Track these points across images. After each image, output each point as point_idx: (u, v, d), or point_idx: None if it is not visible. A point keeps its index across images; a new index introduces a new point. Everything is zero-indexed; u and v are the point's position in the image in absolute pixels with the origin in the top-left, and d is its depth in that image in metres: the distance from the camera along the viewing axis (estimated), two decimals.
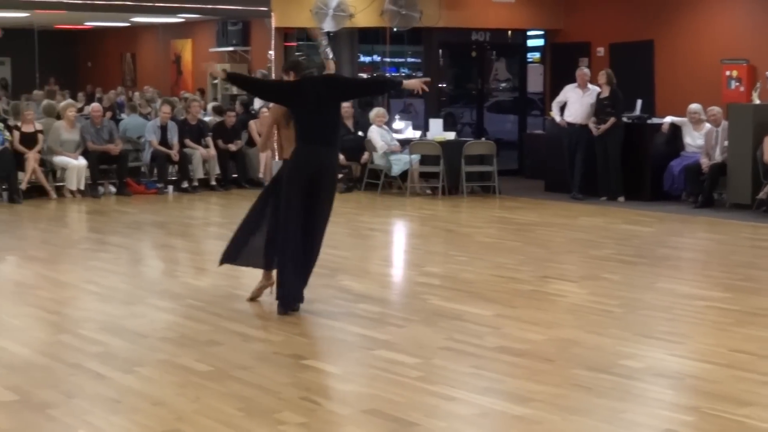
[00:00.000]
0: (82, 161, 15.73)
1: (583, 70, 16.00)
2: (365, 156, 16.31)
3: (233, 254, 8.46)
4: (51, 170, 15.89)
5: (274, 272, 8.18)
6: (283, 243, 7.94)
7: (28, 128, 15.59)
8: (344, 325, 7.66)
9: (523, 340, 7.12)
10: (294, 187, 7.91)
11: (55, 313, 8.12)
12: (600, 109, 15.36)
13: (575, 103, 15.72)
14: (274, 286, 8.14)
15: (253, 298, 8.42)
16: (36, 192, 15.57)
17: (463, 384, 6.13)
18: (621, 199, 15.29)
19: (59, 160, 15.72)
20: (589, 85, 15.70)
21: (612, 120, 15.19)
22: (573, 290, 8.98)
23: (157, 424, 5.37)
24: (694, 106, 15.17)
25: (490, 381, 6.17)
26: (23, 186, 15.24)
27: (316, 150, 7.92)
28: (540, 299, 8.62)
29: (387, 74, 7.93)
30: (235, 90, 21.23)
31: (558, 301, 8.60)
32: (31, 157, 15.25)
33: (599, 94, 15.43)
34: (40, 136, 15.62)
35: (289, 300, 7.92)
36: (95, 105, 16.94)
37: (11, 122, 16.14)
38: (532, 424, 5.37)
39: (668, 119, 15.54)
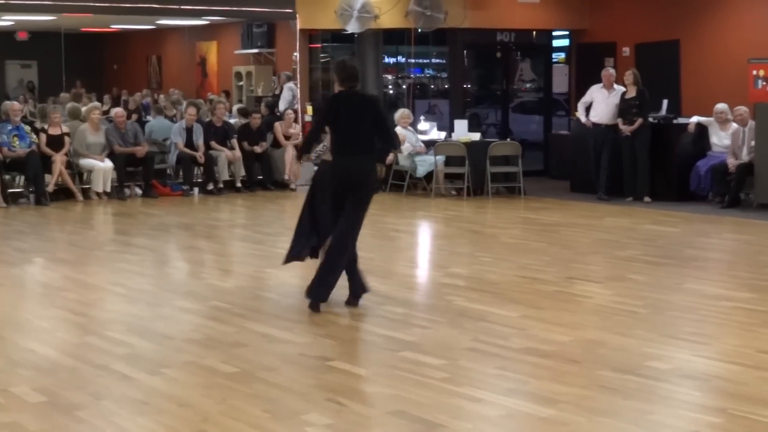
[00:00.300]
0: (108, 163, 15.80)
1: (609, 71, 15.95)
2: (390, 157, 16.31)
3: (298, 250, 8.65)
4: (77, 172, 15.97)
5: None
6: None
7: (54, 131, 15.67)
8: (370, 327, 7.66)
9: (548, 342, 7.10)
10: (328, 193, 8.23)
11: (82, 315, 8.16)
12: (626, 109, 15.31)
13: (601, 104, 15.68)
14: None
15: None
16: (63, 194, 15.65)
17: (489, 385, 6.12)
18: (647, 199, 15.23)
19: (85, 162, 15.80)
20: (615, 86, 15.66)
21: (640, 120, 15.14)
22: (598, 291, 8.96)
23: (184, 425, 5.39)
24: (721, 106, 15.10)
25: (516, 382, 6.16)
26: (50, 188, 15.32)
27: (349, 160, 8.10)
28: (565, 300, 8.60)
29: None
30: (260, 91, 21.30)
31: (583, 302, 8.58)
32: (58, 160, 15.33)
33: (624, 94, 15.38)
34: (66, 139, 15.70)
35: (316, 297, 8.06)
36: (118, 110, 17.00)
37: (38, 125, 16.24)
38: (558, 425, 5.36)
39: (694, 119, 15.47)
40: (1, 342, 7.31)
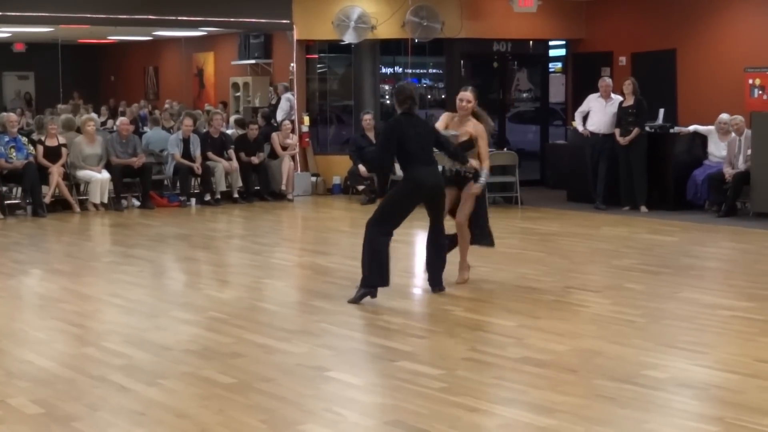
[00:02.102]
0: (105, 175, 15.81)
1: (606, 81, 15.98)
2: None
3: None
4: (75, 184, 15.99)
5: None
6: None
7: (51, 142, 15.69)
8: (367, 337, 7.67)
9: (546, 351, 7.11)
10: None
11: (79, 326, 8.16)
12: (623, 118, 15.33)
13: (598, 113, 15.71)
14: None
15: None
16: (60, 205, 15.66)
17: (487, 395, 6.13)
18: (644, 208, 15.25)
19: (83, 173, 15.81)
20: (612, 95, 15.69)
21: (636, 130, 15.16)
22: (596, 300, 8.96)
23: None
24: (724, 117, 15.11)
25: (514, 392, 6.16)
26: (47, 199, 15.34)
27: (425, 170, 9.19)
28: (563, 309, 8.61)
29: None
30: (257, 102, 21.32)
31: (581, 311, 8.59)
32: (55, 171, 15.35)
33: (622, 103, 15.41)
34: (63, 150, 15.72)
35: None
36: (123, 119, 17.04)
37: (35, 136, 16.24)
38: None
39: (692, 128, 15.50)
40: None
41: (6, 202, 15.28)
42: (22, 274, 10.75)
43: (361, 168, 16.56)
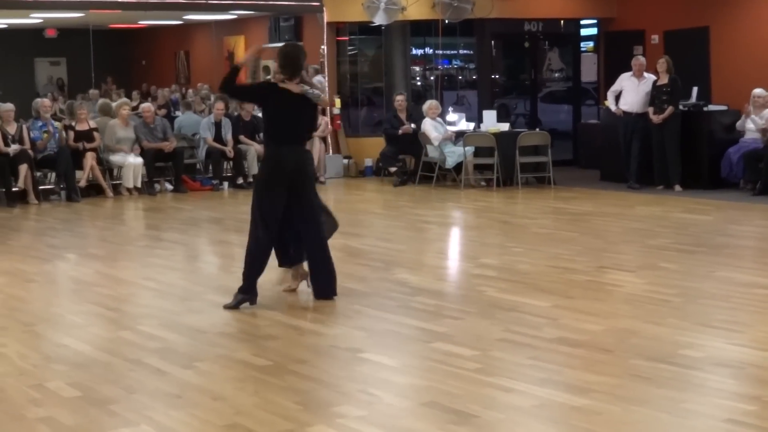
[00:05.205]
0: (138, 159, 15.87)
1: (640, 59, 15.89)
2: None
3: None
4: (108, 168, 16.06)
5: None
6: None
7: (82, 126, 15.77)
8: (401, 318, 7.66)
9: (580, 331, 7.08)
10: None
11: (114, 310, 8.20)
12: (657, 97, 15.23)
13: (631, 92, 15.61)
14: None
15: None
16: (93, 190, 15.74)
17: (521, 375, 6.11)
18: (678, 187, 15.15)
19: (116, 158, 15.88)
20: (645, 74, 15.58)
21: (670, 109, 15.05)
22: (630, 280, 8.92)
23: (217, 418, 5.41)
24: (759, 91, 14.98)
25: (548, 372, 6.14)
26: (82, 184, 15.43)
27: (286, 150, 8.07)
28: (597, 289, 8.57)
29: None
30: None
31: (615, 291, 8.55)
32: (89, 156, 15.43)
33: (656, 81, 15.31)
34: (95, 134, 15.79)
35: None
36: (146, 105, 17.06)
37: (66, 122, 16.33)
38: (591, 414, 5.34)
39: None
40: (35, 338, 7.36)
41: (40, 187, 15.37)
42: (57, 259, 10.81)
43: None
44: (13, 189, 14.83)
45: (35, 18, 22.32)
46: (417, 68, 20.69)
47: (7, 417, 5.52)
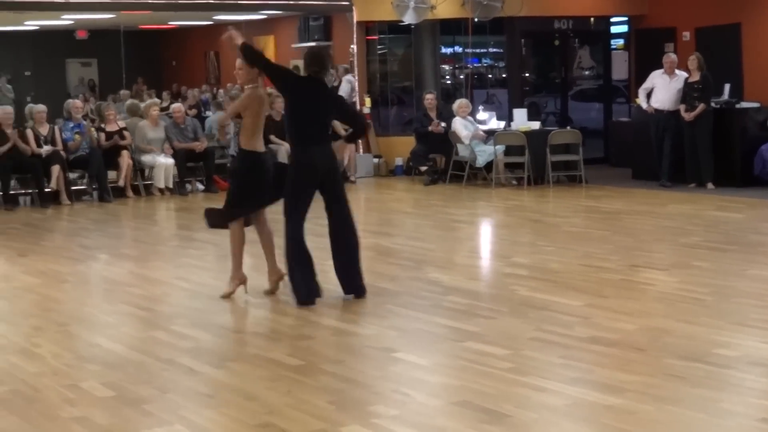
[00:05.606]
0: (169, 160, 15.92)
1: (671, 56, 15.80)
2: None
3: None
4: (139, 169, 16.13)
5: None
6: None
7: (111, 127, 15.85)
8: (433, 318, 7.66)
9: (613, 330, 7.05)
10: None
11: (147, 310, 8.24)
12: (688, 94, 15.15)
13: (662, 89, 15.53)
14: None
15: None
16: (125, 190, 15.81)
17: (554, 374, 6.09)
18: (710, 185, 15.05)
19: (147, 158, 15.95)
20: (677, 71, 15.50)
21: (702, 106, 14.97)
22: (663, 279, 8.88)
23: (250, 417, 5.42)
24: None
25: (581, 371, 6.12)
26: (121, 183, 15.49)
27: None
28: (629, 288, 8.54)
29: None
30: None
31: (648, 289, 8.51)
32: (125, 155, 15.49)
33: (687, 78, 15.22)
34: (126, 134, 15.87)
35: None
36: (176, 105, 17.13)
37: (97, 123, 16.41)
38: (624, 414, 5.32)
39: None
40: (69, 337, 7.40)
41: (73, 188, 15.46)
42: (89, 259, 10.87)
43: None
44: (46, 190, 14.92)
45: (66, 19, 22.45)
46: (446, 67, 20.64)
47: (42, 416, 5.56)
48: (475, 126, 16.46)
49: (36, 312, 8.27)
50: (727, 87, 15.66)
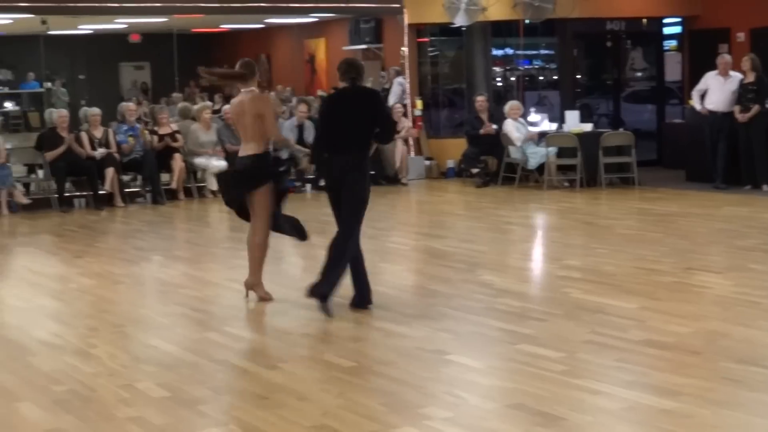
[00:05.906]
0: (222, 162, 15.98)
1: (725, 57, 15.64)
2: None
3: None
4: (192, 171, 16.23)
5: None
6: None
7: (164, 130, 15.98)
8: (486, 320, 7.63)
9: (668, 333, 6.99)
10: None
11: (200, 311, 8.29)
12: (743, 95, 15.00)
13: (717, 91, 15.38)
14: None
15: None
16: (177, 193, 15.92)
17: (609, 378, 6.05)
18: (765, 187, 14.89)
19: (200, 161, 16.03)
20: (731, 72, 15.35)
21: (756, 107, 14.82)
22: (718, 281, 8.79)
23: (303, 419, 5.43)
24: None
25: (636, 374, 6.07)
26: (174, 185, 15.61)
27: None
28: (684, 291, 8.46)
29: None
30: (369, 87, 21.33)
31: (703, 292, 8.43)
32: (178, 158, 15.61)
33: (742, 80, 15.07)
34: (178, 137, 15.98)
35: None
36: (227, 107, 17.21)
37: (150, 126, 16.55)
38: (681, 418, 5.27)
39: None
40: (124, 338, 7.47)
41: (126, 190, 15.59)
42: (144, 261, 10.96)
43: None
44: (101, 192, 15.06)
45: (120, 23, 22.67)
46: (498, 69, 20.58)
47: (98, 416, 5.61)
48: (527, 128, 16.41)
49: (92, 313, 8.36)
50: None
